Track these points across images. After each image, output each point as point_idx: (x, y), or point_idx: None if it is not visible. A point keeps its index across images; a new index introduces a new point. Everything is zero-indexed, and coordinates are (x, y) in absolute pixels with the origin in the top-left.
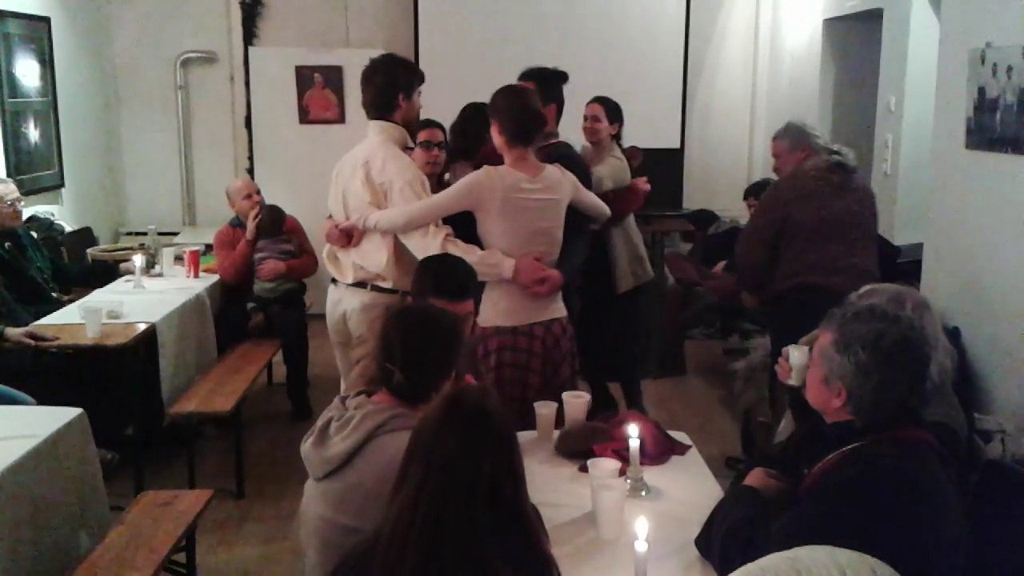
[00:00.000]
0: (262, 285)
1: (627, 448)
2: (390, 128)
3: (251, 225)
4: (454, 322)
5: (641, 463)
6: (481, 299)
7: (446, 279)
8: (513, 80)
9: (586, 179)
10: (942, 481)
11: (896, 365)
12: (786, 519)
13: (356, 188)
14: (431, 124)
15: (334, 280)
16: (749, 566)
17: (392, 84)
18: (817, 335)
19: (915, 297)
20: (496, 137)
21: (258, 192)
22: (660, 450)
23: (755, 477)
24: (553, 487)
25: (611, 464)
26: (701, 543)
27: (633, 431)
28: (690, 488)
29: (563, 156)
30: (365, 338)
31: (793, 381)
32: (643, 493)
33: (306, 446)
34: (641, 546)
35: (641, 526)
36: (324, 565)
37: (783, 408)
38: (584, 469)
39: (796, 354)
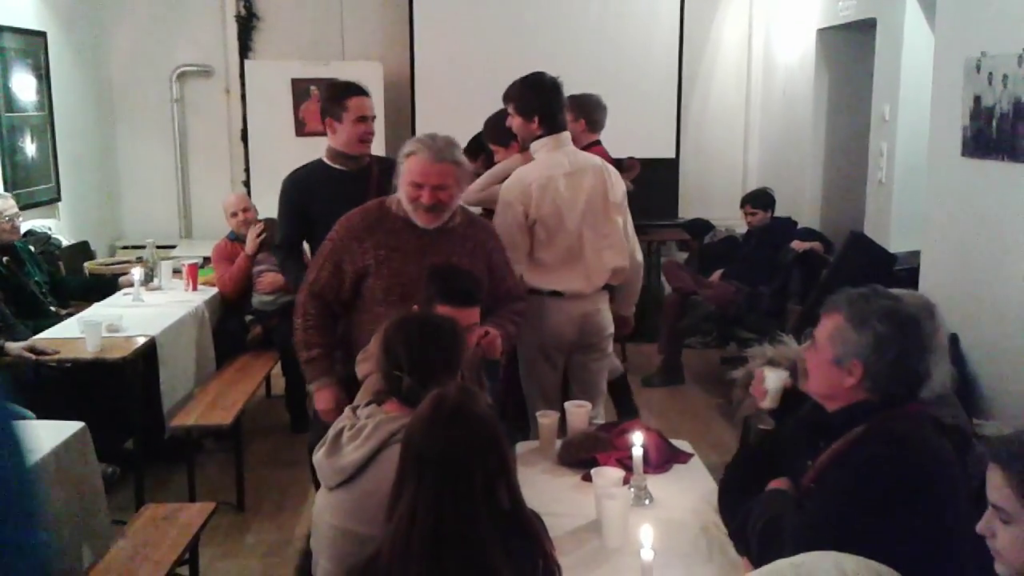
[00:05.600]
0: (260, 298)
1: (630, 457)
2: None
3: (251, 242)
4: (454, 327)
5: (644, 471)
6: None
7: (452, 286)
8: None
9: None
10: (949, 450)
11: (911, 337)
12: (812, 507)
13: (602, 192)
14: None
15: (555, 293)
16: (756, 573)
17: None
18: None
19: (928, 303)
20: None
21: (246, 210)
22: (662, 458)
23: (781, 482)
24: (556, 496)
25: (615, 473)
26: (736, 536)
27: (637, 439)
28: (693, 496)
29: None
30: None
31: (767, 404)
32: (646, 502)
33: (319, 456)
34: (647, 554)
35: (647, 534)
36: (337, 574)
37: None
38: (587, 478)
39: (772, 376)
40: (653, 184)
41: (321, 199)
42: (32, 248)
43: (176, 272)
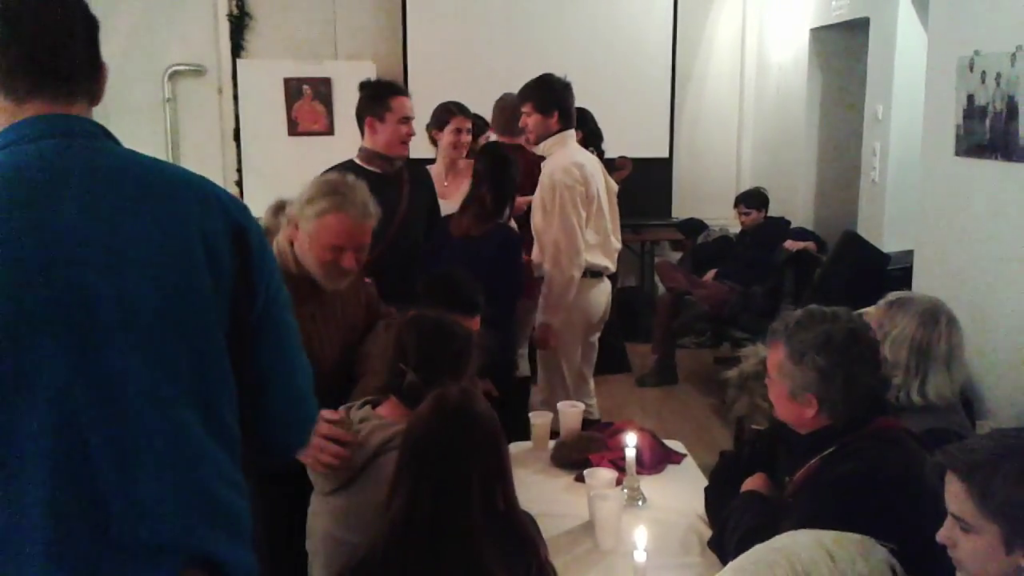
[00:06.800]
0: None
1: (623, 458)
2: None
3: None
4: (468, 335)
5: (637, 472)
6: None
7: (457, 296)
8: (499, 91)
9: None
10: (923, 464)
11: (852, 358)
12: (787, 526)
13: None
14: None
15: (598, 274)
16: (738, 560)
17: None
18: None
19: (948, 312)
20: None
21: None
22: (656, 459)
23: (757, 482)
24: (549, 497)
25: (608, 474)
26: (715, 545)
27: (630, 440)
28: (686, 497)
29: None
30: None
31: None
32: (640, 503)
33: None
34: (640, 556)
35: (641, 536)
36: None
37: None
38: (580, 479)
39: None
40: (646, 184)
41: None
42: None
43: None
